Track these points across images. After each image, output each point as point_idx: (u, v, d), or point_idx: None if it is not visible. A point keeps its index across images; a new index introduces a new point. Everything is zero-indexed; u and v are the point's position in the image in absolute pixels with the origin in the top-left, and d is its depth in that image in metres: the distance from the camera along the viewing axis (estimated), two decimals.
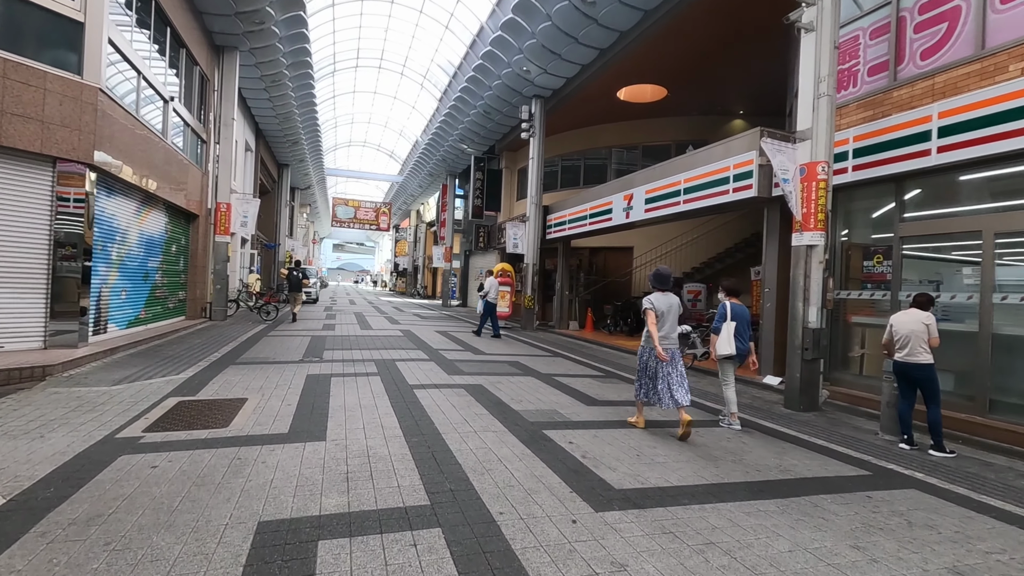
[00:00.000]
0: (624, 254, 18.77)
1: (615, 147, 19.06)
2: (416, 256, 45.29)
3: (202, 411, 5.23)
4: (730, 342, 5.48)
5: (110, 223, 8.78)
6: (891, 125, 6.68)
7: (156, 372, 7.00)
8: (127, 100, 9.02)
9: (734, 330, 5.50)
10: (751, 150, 8.74)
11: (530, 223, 16.84)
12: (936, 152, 6.16)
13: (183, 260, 12.87)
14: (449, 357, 9.53)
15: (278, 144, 24.92)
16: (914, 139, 6.41)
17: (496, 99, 18.20)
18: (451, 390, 6.63)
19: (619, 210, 12.80)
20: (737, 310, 5.57)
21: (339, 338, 11.61)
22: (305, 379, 6.92)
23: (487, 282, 13.79)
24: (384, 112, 32.47)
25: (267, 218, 27.78)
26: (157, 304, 11.17)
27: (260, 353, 8.99)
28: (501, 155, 23.65)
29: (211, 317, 14.08)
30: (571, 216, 15.50)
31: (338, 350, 9.73)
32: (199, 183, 13.51)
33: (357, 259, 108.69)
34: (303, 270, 16.29)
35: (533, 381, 7.62)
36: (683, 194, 10.47)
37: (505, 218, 22.73)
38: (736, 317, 5.54)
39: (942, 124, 6.11)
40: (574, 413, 5.81)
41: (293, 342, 10.57)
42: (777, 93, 15.22)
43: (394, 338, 12.13)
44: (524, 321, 16.84)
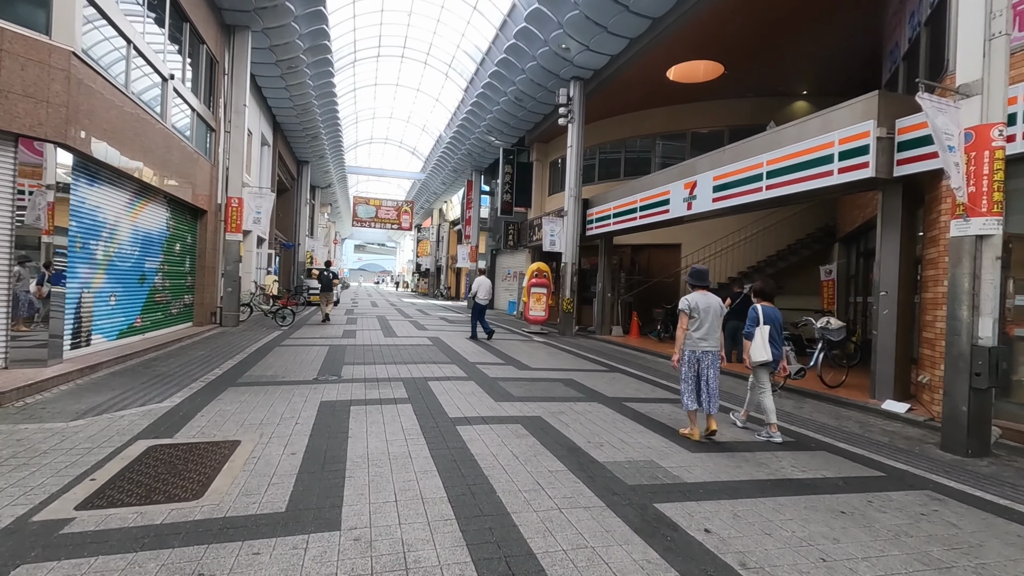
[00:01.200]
0: (670, 252, 17.05)
1: (660, 135, 17.34)
2: (439, 256, 44.03)
3: (174, 465, 3.80)
4: (766, 347, 5.19)
5: (93, 217, 7.48)
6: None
7: (136, 398, 5.63)
8: (114, 72, 7.71)
9: (768, 335, 5.23)
10: (865, 119, 7.03)
11: (568, 218, 15.26)
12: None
13: (189, 260, 11.61)
14: (490, 374, 8.01)
15: (297, 139, 23.79)
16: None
17: (529, 84, 16.66)
18: (505, 427, 5.10)
19: (678, 201, 11.14)
20: (770, 314, 5.30)
21: (361, 348, 10.19)
22: (318, 409, 5.46)
23: (475, 282, 13.03)
24: (406, 106, 31.22)
25: (286, 217, 26.72)
26: (157, 310, 9.89)
27: (268, 369, 7.59)
28: (531, 147, 22.11)
29: (221, 323, 12.83)
30: (616, 209, 13.86)
31: (359, 364, 8.30)
32: (208, 176, 12.26)
33: (378, 260, 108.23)
34: (333, 271, 16.43)
35: (603, 410, 6.05)
36: (766, 179, 8.78)
37: (536, 214, 21.19)
38: (769, 321, 5.27)
39: None
40: (681, 466, 4.22)
41: (308, 353, 9.18)
42: (849, 70, 13.41)
43: (423, 348, 10.66)
44: (562, 326, 15.27)
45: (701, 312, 4.95)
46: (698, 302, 4.98)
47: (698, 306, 4.96)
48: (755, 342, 5.27)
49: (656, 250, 17.60)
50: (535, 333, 15.21)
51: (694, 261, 15.80)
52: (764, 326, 5.26)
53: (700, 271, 5.20)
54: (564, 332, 15.19)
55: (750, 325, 5.36)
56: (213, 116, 12.56)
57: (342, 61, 22.17)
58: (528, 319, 15.42)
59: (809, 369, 7.96)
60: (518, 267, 24.85)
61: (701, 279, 5.13)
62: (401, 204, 38.60)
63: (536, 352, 10.99)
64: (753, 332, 5.32)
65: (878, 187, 7.32)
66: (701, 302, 4.97)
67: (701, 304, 4.96)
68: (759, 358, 5.25)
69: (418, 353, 9.89)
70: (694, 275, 5.19)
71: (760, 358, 5.23)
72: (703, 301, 4.98)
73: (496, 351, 10.75)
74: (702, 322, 4.95)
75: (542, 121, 19.82)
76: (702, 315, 4.95)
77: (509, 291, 26.20)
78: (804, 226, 15.08)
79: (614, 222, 13.99)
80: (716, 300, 5.05)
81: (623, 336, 15.23)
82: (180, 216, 10.97)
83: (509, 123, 20.48)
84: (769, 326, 5.25)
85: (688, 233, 16.06)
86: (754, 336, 5.30)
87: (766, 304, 5.42)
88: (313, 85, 18.02)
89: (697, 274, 5.18)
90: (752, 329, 5.34)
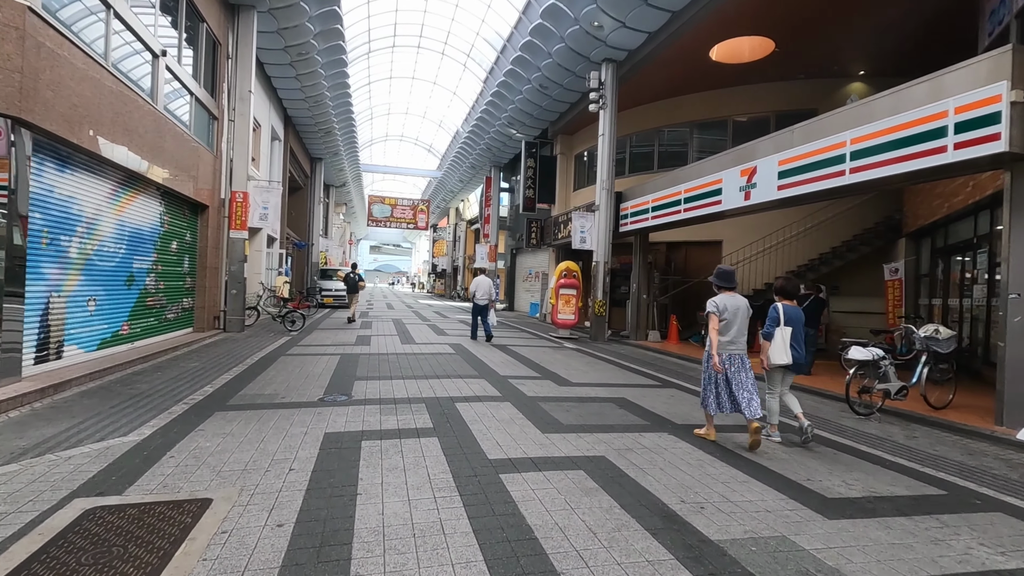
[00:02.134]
0: (710, 250, 15.69)
1: (697, 123, 15.98)
2: (456, 256, 42.98)
3: (110, 545, 2.64)
4: (786, 350, 4.96)
5: (65, 208, 6.41)
6: None
7: (97, 429, 4.51)
8: (90, 37, 6.64)
9: (790, 336, 4.99)
10: (994, 81, 5.68)
11: (600, 213, 13.99)
12: None
13: (188, 260, 10.58)
14: (527, 391, 6.79)
15: (310, 135, 22.83)
16: None
17: (555, 69, 15.42)
18: (564, 475, 3.86)
19: (733, 190, 9.81)
20: (791, 314, 5.08)
21: (375, 358, 9.04)
22: (320, 446, 4.29)
23: (474, 282, 12.48)
24: (422, 101, 30.18)
25: (299, 216, 25.81)
26: (149, 315, 8.85)
27: (268, 386, 6.46)
28: (555, 140, 20.86)
29: (225, 328, 11.79)
30: (656, 202, 12.56)
31: (373, 380, 7.13)
32: (210, 168, 11.23)
33: (394, 260, 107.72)
34: (359, 274, 16.59)
35: (679, 445, 4.79)
36: (850, 160, 7.44)
37: (561, 211, 19.93)
38: (790, 322, 5.04)
39: None
40: (830, 547, 2.95)
41: (316, 365, 8.05)
42: (914, 49, 11.96)
43: (445, 358, 9.48)
44: (594, 330, 13.99)
45: (729, 314, 4.78)
46: (726, 304, 4.81)
47: (726, 308, 4.79)
48: (775, 343, 5.00)
49: (694, 248, 16.24)
50: (564, 338, 13.97)
51: (737, 260, 14.44)
52: (785, 327, 4.99)
53: (727, 272, 4.99)
54: (596, 337, 13.92)
55: (769, 325, 5.07)
56: (216, 104, 11.53)
57: (356, 52, 21.16)
58: (556, 323, 14.19)
59: (911, 387, 6.61)
60: (540, 267, 23.62)
61: (728, 280, 4.94)
62: (417, 203, 37.59)
63: (571, 362, 9.75)
64: (772, 332, 5.03)
65: (1004, 166, 5.96)
66: (729, 304, 4.81)
67: (729, 306, 4.80)
68: (778, 360, 4.98)
69: (440, 364, 8.71)
70: (721, 276, 4.98)
71: (780, 360, 4.97)
72: (731, 303, 4.82)
73: (528, 361, 9.53)
74: (730, 324, 4.79)
75: (568, 111, 18.57)
76: (730, 317, 4.78)
77: (531, 292, 24.98)
78: (863, 220, 13.63)
79: (653, 216, 12.69)
80: (743, 302, 4.89)
81: (661, 342, 13.92)
82: (177, 211, 9.93)
83: (532, 114, 19.25)
84: (791, 327, 5.00)
85: (730, 229, 14.70)
86: (774, 337, 5.02)
87: (788, 303, 5.15)
88: (325, 75, 16.98)
89: (724, 275, 4.97)
90: (772, 329, 5.05)
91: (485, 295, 12.11)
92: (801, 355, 5.10)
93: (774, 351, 5.02)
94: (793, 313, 5.09)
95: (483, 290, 12.15)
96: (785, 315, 5.05)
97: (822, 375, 9.18)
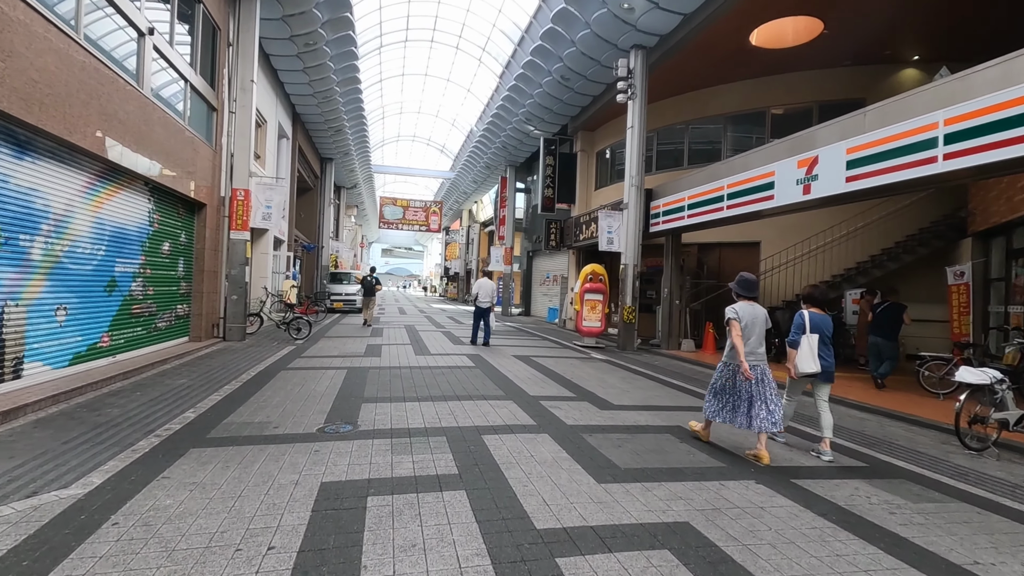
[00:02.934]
0: (746, 252, 14.54)
1: (731, 116, 14.85)
2: (469, 259, 42.05)
3: None
4: (814, 358, 4.73)
5: (25, 203, 5.48)
6: None
7: (35, 476, 3.55)
8: (52, 1, 5.74)
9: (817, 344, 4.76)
10: None
11: (629, 212, 12.91)
12: None
13: (183, 263, 9.68)
14: (565, 418, 5.74)
15: (319, 134, 22.02)
16: None
17: (579, 59, 14.39)
18: (644, 559, 2.80)
19: (788, 183, 8.70)
20: (818, 321, 4.85)
21: (386, 373, 8.05)
22: (313, 506, 3.27)
23: (476, 284, 12.29)
24: (435, 99, 29.29)
25: (309, 217, 25.02)
26: (136, 325, 7.94)
27: (259, 411, 5.48)
28: (576, 137, 19.81)
29: (225, 337, 10.89)
30: (693, 199, 11.46)
31: (384, 402, 6.13)
32: (209, 164, 10.34)
33: (405, 264, 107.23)
34: (376, 277, 16.57)
35: (784, 505, 3.71)
36: (943, 145, 6.31)
37: (582, 211, 18.87)
38: (817, 329, 4.81)
39: None
40: None
41: (319, 382, 7.07)
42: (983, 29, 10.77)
43: (464, 372, 8.46)
44: (623, 339, 12.91)
45: (748, 323, 4.65)
46: (746, 311, 4.68)
47: (746, 315, 4.66)
48: (802, 351, 4.83)
49: (729, 249, 15.09)
50: (590, 347, 12.90)
51: (779, 264, 13.30)
52: (812, 334, 4.82)
53: (749, 280, 4.83)
54: (624, 346, 12.83)
55: (795, 333, 4.90)
56: (215, 95, 10.65)
57: (367, 47, 20.31)
58: (581, 331, 13.12)
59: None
60: (559, 270, 22.56)
61: (750, 289, 4.79)
62: (429, 204, 36.71)
63: (605, 377, 8.68)
64: (799, 340, 4.86)
65: None
66: (748, 312, 4.68)
67: (748, 315, 4.67)
68: (807, 369, 4.79)
69: (460, 381, 7.69)
70: (742, 284, 4.82)
71: (808, 369, 4.78)
72: (750, 312, 4.69)
73: (557, 376, 8.48)
74: (749, 333, 4.65)
75: (590, 105, 17.52)
76: (749, 327, 4.65)
77: (548, 296, 23.93)
78: (920, 218, 12.43)
79: (689, 215, 11.59)
80: (762, 311, 4.75)
81: (695, 351, 12.80)
82: (170, 209, 9.04)
83: (552, 108, 18.22)
84: (817, 335, 4.83)
85: (769, 229, 13.56)
86: (801, 345, 4.84)
87: (815, 311, 4.98)
88: (335, 68, 16.11)
89: (745, 283, 4.81)
90: (798, 337, 4.87)
91: (487, 297, 11.87)
92: (831, 364, 4.89)
93: (801, 359, 4.81)
94: (820, 320, 4.89)
95: (485, 292, 11.90)
96: (811, 322, 4.85)
97: (895, 393, 8.03)
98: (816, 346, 4.79)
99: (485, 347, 11.76)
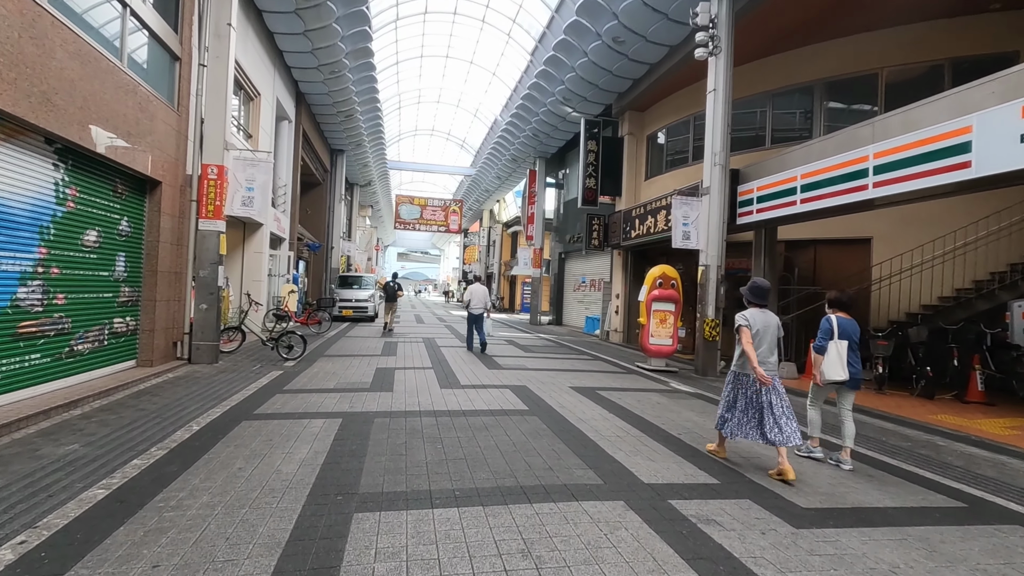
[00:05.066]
0: (852, 251, 11.59)
1: (830, 80, 11.91)
2: (490, 263, 39.42)
3: None
4: (842, 365, 4.55)
5: None
6: None
7: None
8: None
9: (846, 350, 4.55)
10: None
11: (711, 199, 10.08)
12: None
13: (125, 260, 7.09)
14: (732, 547, 2.95)
15: (328, 120, 19.54)
16: None
17: (639, 12, 11.63)
18: None
19: (1000, 141, 5.81)
20: (845, 326, 4.66)
21: (399, 427, 5.31)
22: None
23: (469, 290, 12.12)
24: (457, 85, 26.72)
25: (316, 214, 22.57)
26: (27, 350, 5.33)
27: (151, 544, 2.78)
28: (622, 118, 16.99)
29: (190, 359, 8.29)
30: (811, 177, 8.57)
31: (392, 510, 3.37)
32: (170, 130, 7.78)
33: (422, 268, 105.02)
34: (397, 283, 16.95)
35: None
36: None
37: (629, 205, 16.04)
38: (845, 335, 4.62)
39: None
40: None
41: (291, 452, 4.36)
42: None
43: (517, 423, 5.68)
44: (703, 362, 10.04)
45: (760, 331, 4.37)
46: (756, 318, 4.40)
47: (757, 322, 4.37)
48: (829, 357, 4.59)
49: (828, 248, 12.11)
50: (660, 371, 10.08)
51: (899, 264, 10.36)
52: (840, 340, 4.58)
53: (761, 287, 4.59)
54: (705, 371, 9.96)
55: (822, 338, 4.67)
56: (178, 40, 8.10)
57: (382, 17, 17.81)
58: (648, 349, 10.31)
59: None
60: (598, 274, 19.75)
61: (761, 296, 4.55)
62: (449, 203, 34.11)
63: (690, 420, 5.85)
64: (826, 346, 4.62)
65: None
66: (760, 319, 4.41)
67: (759, 321, 4.39)
68: (834, 376, 4.57)
69: (515, 442, 4.93)
70: (754, 291, 4.55)
71: (835, 376, 4.57)
72: (761, 318, 4.43)
73: (651, 426, 5.68)
74: (760, 340, 4.38)
75: (643, 77, 14.70)
76: (760, 334, 4.37)
77: (585, 304, 21.11)
78: None
79: (804, 199, 8.70)
80: (774, 319, 4.48)
81: (798, 378, 9.91)
82: (100, 185, 6.46)
83: (597, 84, 15.43)
84: (846, 340, 4.59)
85: (882, 221, 10.64)
86: (828, 351, 4.60)
87: (841, 315, 4.74)
88: (343, 35, 13.56)
89: (759, 290, 4.56)
90: (825, 343, 4.64)
91: (480, 304, 11.71)
92: (858, 371, 4.65)
93: (828, 366, 4.59)
94: (848, 326, 4.67)
95: (478, 299, 11.75)
96: (839, 327, 4.63)
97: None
98: (844, 352, 4.58)
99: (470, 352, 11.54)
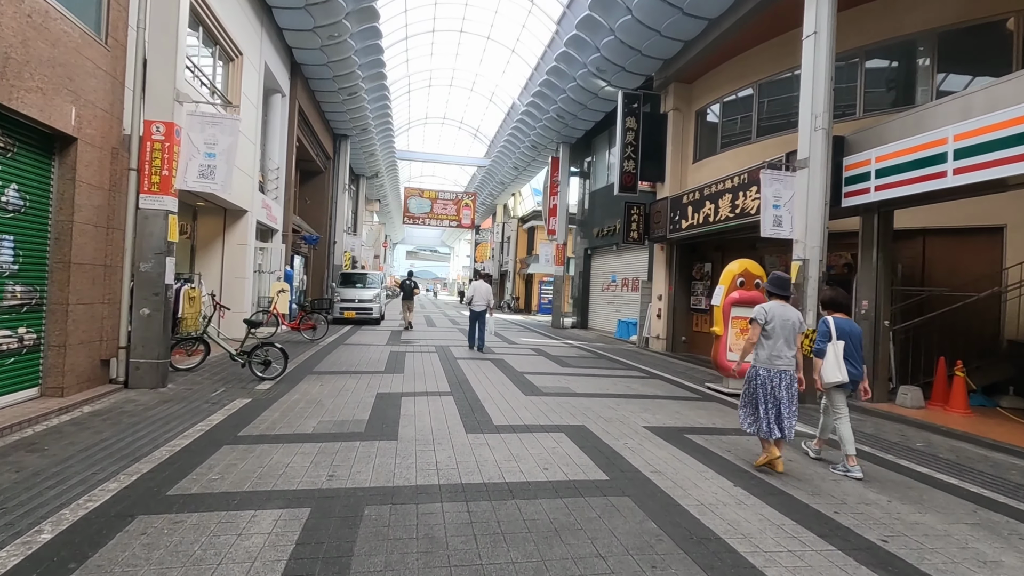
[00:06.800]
0: (976, 243, 9.24)
1: (946, 28, 9.52)
2: (504, 260, 37.22)
3: None
4: (840, 366, 4.47)
5: None
6: None
7: None
8: None
9: (843, 351, 4.49)
10: None
11: (811, 172, 7.79)
12: None
13: (13, 247, 4.96)
14: None
15: (329, 99, 17.41)
16: None
17: None
18: None
19: None
20: (844, 326, 4.59)
21: (405, 515, 3.10)
22: None
23: (472, 286, 12.11)
24: (471, 66, 24.55)
25: (317, 205, 20.49)
26: None
27: None
28: (666, 92, 14.70)
29: (127, 382, 6.15)
30: (968, 139, 6.27)
31: None
32: (99, 72, 5.64)
33: (431, 266, 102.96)
34: (414, 281, 17.12)
35: None
36: None
37: (674, 191, 13.76)
38: (843, 335, 4.55)
39: None
40: None
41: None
42: None
43: (592, 505, 3.46)
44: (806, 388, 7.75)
45: (777, 324, 4.31)
46: (775, 312, 4.35)
47: (774, 316, 4.33)
48: (827, 360, 4.53)
49: (942, 240, 9.72)
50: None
51: None
52: (837, 341, 4.51)
53: (782, 279, 4.54)
54: (803, 397, 7.67)
55: (820, 341, 4.60)
56: None
57: None
58: (724, 368, 8.06)
59: None
60: (632, 272, 17.48)
61: (783, 288, 4.50)
62: (461, 196, 31.96)
63: (868, 501, 3.61)
64: (824, 349, 4.56)
65: None
66: (778, 312, 4.35)
67: (778, 315, 4.34)
68: (832, 379, 4.50)
69: (605, 562, 2.72)
70: (775, 282, 4.53)
71: (834, 379, 4.49)
72: (780, 311, 4.36)
73: (821, 519, 3.46)
74: (775, 335, 4.31)
75: (697, 39, 12.38)
76: (777, 329, 4.31)
77: (615, 306, 18.84)
78: None
79: (961, 168, 6.37)
80: (795, 314, 4.42)
81: (924, 406, 7.61)
82: None
83: (640, 49, 13.15)
84: (844, 341, 4.50)
85: (1018, 206, 8.30)
86: (826, 353, 4.54)
87: (839, 316, 4.68)
88: None
89: (778, 281, 4.53)
90: (823, 345, 4.58)
91: (482, 301, 11.67)
92: (858, 372, 4.56)
93: (827, 369, 4.52)
94: (846, 326, 4.60)
95: (480, 296, 11.73)
96: (837, 328, 4.56)
97: None
98: (842, 353, 4.46)
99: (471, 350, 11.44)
